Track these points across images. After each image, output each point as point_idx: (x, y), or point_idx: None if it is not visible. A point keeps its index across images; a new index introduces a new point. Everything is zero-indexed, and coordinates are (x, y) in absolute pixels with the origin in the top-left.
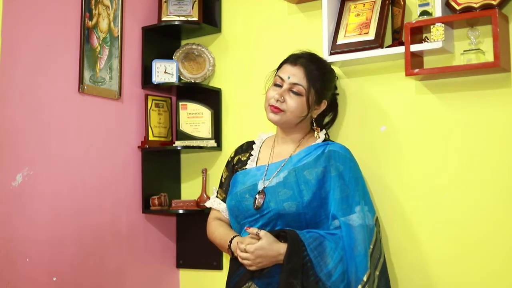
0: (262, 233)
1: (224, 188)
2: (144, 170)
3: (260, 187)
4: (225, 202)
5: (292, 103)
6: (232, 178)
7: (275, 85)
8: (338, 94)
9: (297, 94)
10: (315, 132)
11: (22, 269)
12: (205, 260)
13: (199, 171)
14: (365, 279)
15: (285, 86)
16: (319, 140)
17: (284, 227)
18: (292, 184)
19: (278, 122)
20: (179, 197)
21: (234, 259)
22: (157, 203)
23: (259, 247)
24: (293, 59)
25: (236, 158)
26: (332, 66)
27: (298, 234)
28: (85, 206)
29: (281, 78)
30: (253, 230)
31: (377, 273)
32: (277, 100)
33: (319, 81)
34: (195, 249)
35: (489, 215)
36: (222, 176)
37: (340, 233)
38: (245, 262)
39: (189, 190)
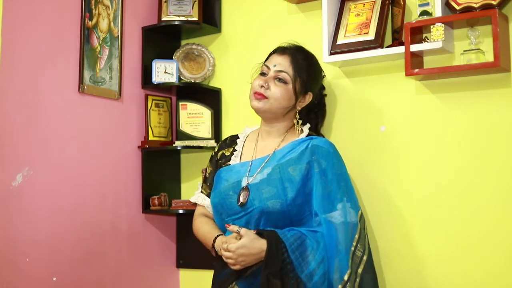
0: (243, 231)
1: (209, 183)
2: (144, 170)
3: (244, 183)
4: (209, 197)
5: (277, 90)
6: (216, 174)
7: (261, 74)
8: (326, 95)
9: (283, 81)
10: (297, 126)
11: (22, 269)
12: (205, 260)
13: (199, 171)
14: (345, 278)
15: (271, 73)
16: (303, 135)
17: (268, 224)
18: (276, 182)
19: (261, 109)
20: (179, 197)
21: (218, 258)
22: (157, 203)
23: (241, 245)
24: (280, 50)
25: (220, 153)
26: (332, 66)
27: (279, 234)
28: (85, 206)
29: (267, 67)
30: (234, 227)
31: (359, 271)
32: (261, 86)
33: (305, 71)
34: (195, 249)
35: (488, 215)
36: (206, 171)
37: (321, 230)
38: (228, 261)
39: (189, 190)
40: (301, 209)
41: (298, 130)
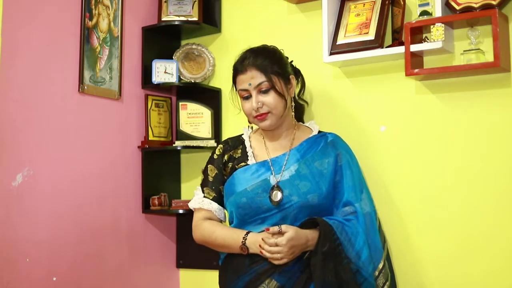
0: (284, 226)
1: (213, 187)
2: (144, 170)
3: (272, 181)
4: (216, 201)
5: (270, 100)
6: (228, 176)
7: (244, 98)
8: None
9: (267, 90)
10: (292, 110)
11: (22, 269)
12: (205, 260)
13: (199, 171)
14: (380, 266)
15: (253, 92)
16: (315, 132)
17: (305, 218)
18: (308, 176)
19: (271, 126)
20: (179, 197)
21: (239, 258)
22: (157, 203)
23: (290, 237)
24: (240, 68)
25: (226, 156)
26: (332, 66)
27: (326, 219)
28: (85, 206)
29: (244, 90)
30: (274, 229)
31: (384, 254)
32: (258, 108)
33: (273, 65)
34: (195, 249)
35: (488, 215)
36: (208, 175)
37: (355, 218)
38: (276, 256)
39: (189, 190)
40: (331, 202)
41: (292, 116)
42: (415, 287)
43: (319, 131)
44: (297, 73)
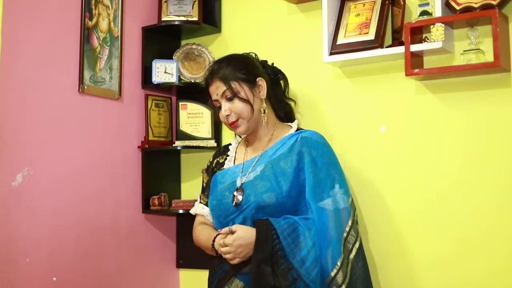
0: (234, 226)
1: (206, 192)
2: (144, 170)
3: (238, 183)
4: (207, 206)
5: (236, 107)
6: (212, 180)
7: (218, 108)
8: (279, 76)
9: (232, 98)
10: (263, 115)
11: (22, 268)
12: (205, 260)
13: (199, 171)
14: (338, 264)
15: (222, 101)
16: (292, 131)
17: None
18: (270, 176)
19: (247, 131)
20: (179, 197)
21: (215, 258)
22: (157, 203)
23: (236, 237)
24: (208, 80)
25: (214, 162)
26: (332, 66)
27: (271, 221)
28: (85, 206)
29: (215, 100)
30: (226, 229)
31: (351, 257)
32: (227, 116)
33: (235, 72)
34: (195, 249)
35: (489, 215)
36: (203, 181)
37: (312, 217)
38: (227, 256)
39: (189, 190)
40: (296, 201)
41: (264, 119)
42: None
43: (298, 129)
44: (276, 73)
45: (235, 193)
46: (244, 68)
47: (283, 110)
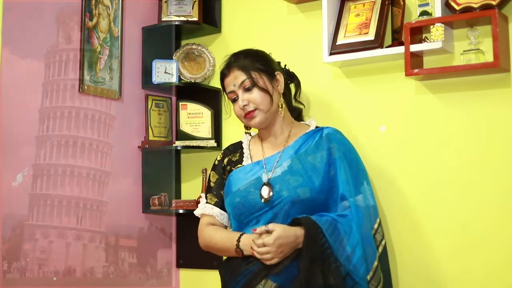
0: (271, 225)
1: (215, 192)
2: (144, 170)
3: (264, 179)
4: (217, 206)
5: (254, 96)
6: (226, 179)
7: (233, 101)
8: (289, 81)
9: (251, 88)
10: (281, 109)
11: (22, 268)
12: (205, 260)
13: (199, 171)
14: (376, 263)
15: (239, 92)
16: (312, 127)
17: (297, 215)
18: (300, 171)
19: (262, 123)
20: (179, 197)
21: (236, 259)
22: (157, 203)
23: (277, 236)
24: (225, 71)
25: (226, 160)
26: (332, 66)
27: (314, 219)
28: (85, 206)
29: (232, 92)
30: (261, 228)
31: (378, 254)
32: (244, 107)
33: (254, 63)
34: (195, 249)
35: (489, 215)
36: (209, 181)
37: (350, 214)
38: (265, 256)
39: (189, 190)
40: (326, 196)
41: (281, 113)
42: (419, 281)
43: (317, 127)
44: (291, 75)
45: (262, 189)
46: (263, 60)
47: (296, 111)
